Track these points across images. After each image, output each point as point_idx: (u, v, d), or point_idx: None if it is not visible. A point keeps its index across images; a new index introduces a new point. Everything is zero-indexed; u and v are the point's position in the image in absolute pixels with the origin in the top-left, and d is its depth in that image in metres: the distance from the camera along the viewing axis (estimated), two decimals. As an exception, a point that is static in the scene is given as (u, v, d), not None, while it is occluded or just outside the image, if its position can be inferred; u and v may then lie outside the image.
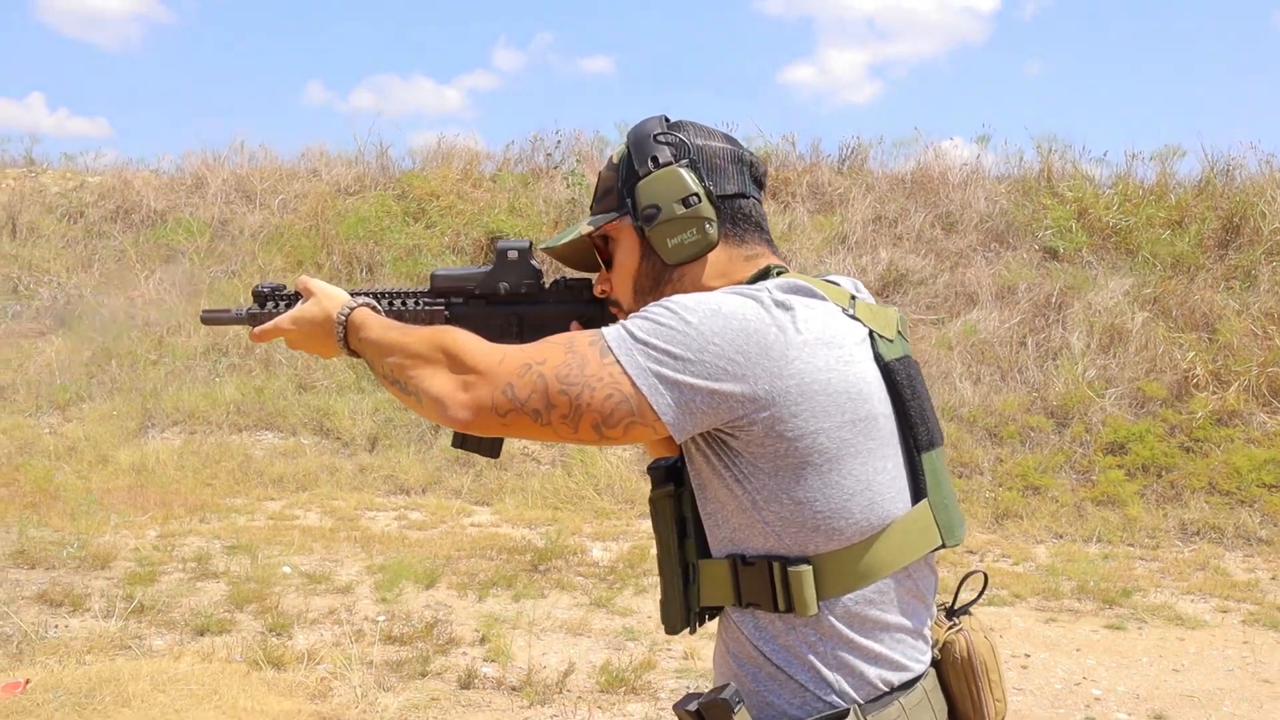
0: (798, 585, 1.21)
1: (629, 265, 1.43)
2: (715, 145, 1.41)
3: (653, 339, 1.20)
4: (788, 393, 1.19)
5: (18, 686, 4.01)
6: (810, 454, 1.20)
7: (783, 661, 1.24)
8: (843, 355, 1.23)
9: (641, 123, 1.44)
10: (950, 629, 1.36)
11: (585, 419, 1.20)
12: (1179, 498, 8.22)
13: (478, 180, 14.60)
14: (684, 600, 1.32)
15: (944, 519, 1.29)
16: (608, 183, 1.46)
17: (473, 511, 8.16)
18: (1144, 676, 4.91)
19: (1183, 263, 11.29)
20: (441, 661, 4.67)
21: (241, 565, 6.15)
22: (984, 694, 1.33)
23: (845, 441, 1.21)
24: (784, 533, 1.22)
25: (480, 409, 1.23)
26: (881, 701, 1.24)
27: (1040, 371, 9.94)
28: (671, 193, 1.36)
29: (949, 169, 13.96)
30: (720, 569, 1.27)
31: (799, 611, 1.22)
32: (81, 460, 9.00)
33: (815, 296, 1.27)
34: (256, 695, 4.11)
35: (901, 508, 1.25)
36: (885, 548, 1.24)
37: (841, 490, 1.22)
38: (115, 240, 13.63)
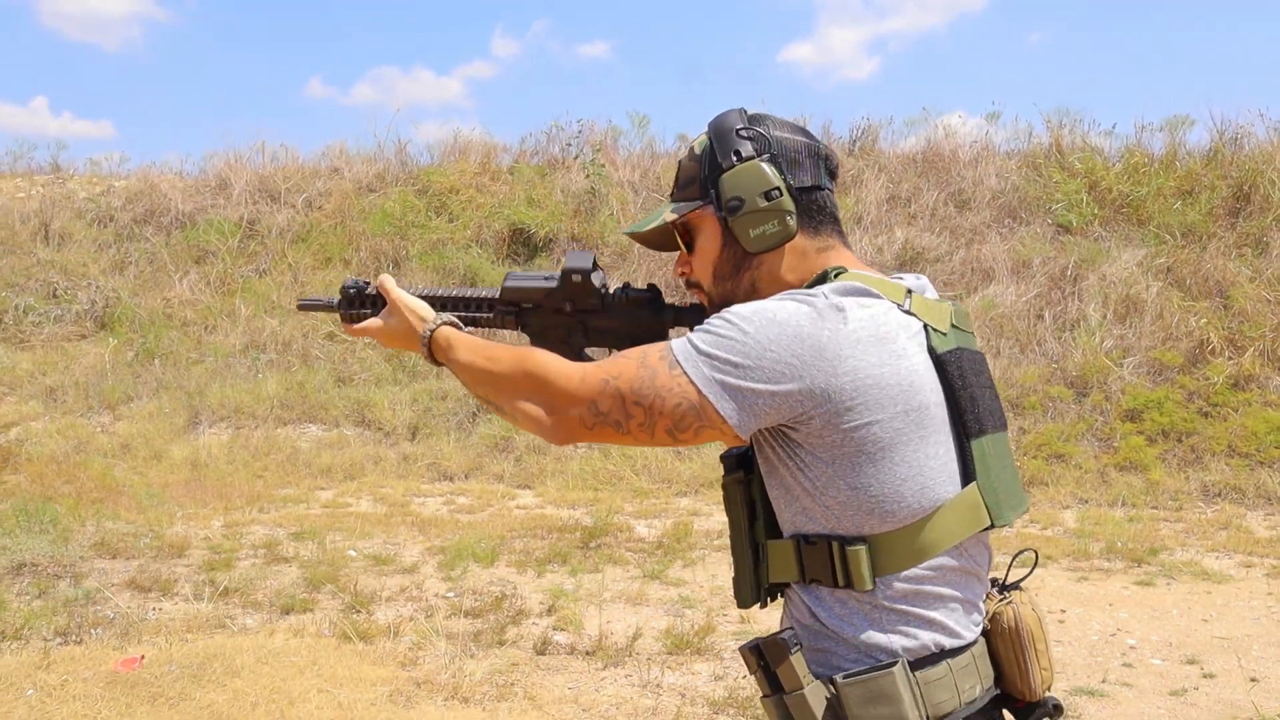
0: (855, 563, 1.31)
1: (710, 251, 1.51)
2: (793, 139, 1.49)
3: (715, 350, 1.30)
4: (842, 389, 1.28)
5: (135, 661, 4.34)
6: (865, 444, 1.29)
7: (839, 627, 1.34)
8: (895, 350, 1.31)
9: (723, 115, 1.52)
10: (1000, 601, 1.43)
11: (659, 425, 1.33)
12: (1199, 461, 8.50)
13: (495, 173, 14.86)
14: (754, 578, 1.43)
15: (992, 501, 1.36)
16: (690, 172, 1.53)
17: (516, 495, 8.48)
18: (1175, 627, 5.21)
19: (1194, 232, 11.53)
20: (515, 631, 5.00)
21: (309, 550, 6.47)
22: (1030, 662, 1.40)
23: (898, 431, 1.30)
24: (842, 515, 1.32)
25: (570, 428, 1.39)
26: (930, 660, 1.32)
27: (1059, 343, 10.21)
28: (755, 186, 1.44)
29: (959, 147, 14.19)
30: (786, 549, 1.37)
31: (856, 586, 1.31)
32: (136, 457, 9.33)
33: (870, 295, 1.35)
34: (351, 665, 4.43)
35: (952, 491, 1.33)
36: (936, 528, 1.32)
37: (894, 476, 1.30)
38: (147, 243, 13.94)
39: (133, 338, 12.24)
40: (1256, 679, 4.49)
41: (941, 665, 1.33)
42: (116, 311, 12.59)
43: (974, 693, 1.35)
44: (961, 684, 1.34)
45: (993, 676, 1.39)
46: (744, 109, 1.53)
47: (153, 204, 14.68)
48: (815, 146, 1.50)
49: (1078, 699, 4.26)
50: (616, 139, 15.32)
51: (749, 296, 1.47)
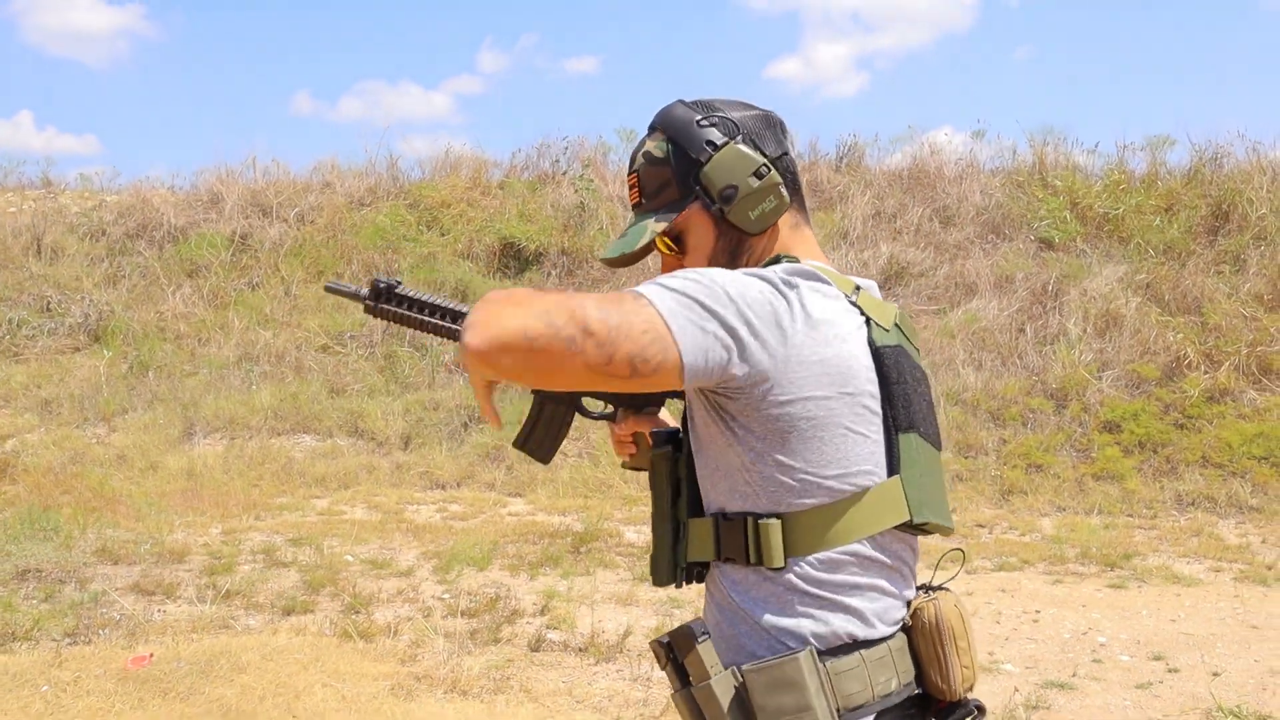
0: (767, 537, 1.31)
1: (705, 247, 1.48)
2: (748, 114, 1.49)
3: (685, 290, 1.26)
4: (787, 361, 1.28)
5: (145, 659, 4.50)
6: (798, 420, 1.30)
7: (750, 608, 1.33)
8: (837, 334, 1.33)
9: (670, 112, 1.49)
10: (926, 598, 1.41)
11: (621, 350, 1.22)
12: (1174, 471, 8.72)
13: (486, 188, 15.08)
14: (672, 555, 1.43)
15: (913, 496, 1.35)
16: (658, 179, 1.49)
17: (508, 502, 8.65)
18: (1144, 626, 5.42)
19: (1174, 249, 11.80)
20: (510, 630, 5.17)
21: (307, 555, 6.63)
22: (950, 660, 1.37)
23: (831, 411, 1.31)
24: (763, 490, 1.32)
25: (503, 332, 1.21)
26: (841, 649, 1.31)
27: (1039, 356, 10.44)
28: (742, 169, 1.43)
29: (945, 164, 14.48)
30: (705, 526, 1.38)
31: (767, 563, 1.31)
32: (132, 468, 9.47)
33: (820, 280, 1.37)
34: (353, 661, 4.60)
35: (875, 479, 1.34)
36: (855, 513, 1.32)
37: (821, 456, 1.31)
38: (139, 257, 14.09)
39: (126, 350, 12.37)
40: (1218, 673, 4.70)
41: (854, 655, 1.31)
42: (110, 325, 12.72)
43: (889, 687, 1.33)
44: (875, 676, 1.32)
45: (912, 674, 1.37)
46: (682, 100, 1.51)
47: (144, 218, 14.81)
48: (766, 115, 1.51)
49: (1048, 692, 4.46)
50: (606, 154, 15.56)
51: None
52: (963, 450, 9.28)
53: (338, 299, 1.92)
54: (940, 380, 10.19)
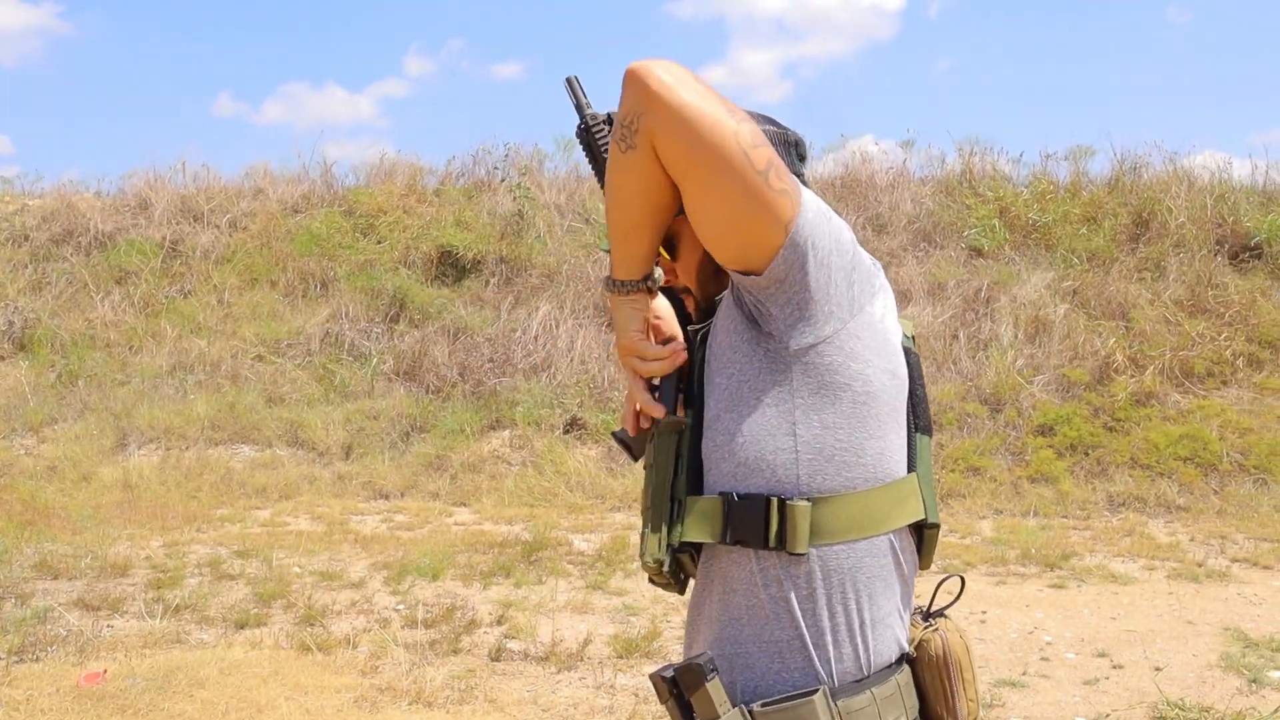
0: (793, 520, 1.25)
1: (694, 255, 1.46)
2: (765, 130, 1.39)
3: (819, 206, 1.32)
4: (863, 318, 1.31)
5: (98, 676, 4.41)
6: (854, 381, 1.30)
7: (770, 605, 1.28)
8: (894, 326, 1.39)
9: None
10: (926, 629, 1.39)
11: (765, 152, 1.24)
12: (1105, 473, 8.99)
13: (422, 194, 14.99)
14: (667, 535, 1.34)
15: (928, 494, 1.38)
16: None
17: (453, 512, 8.61)
18: (1086, 624, 5.59)
19: (1098, 256, 12.16)
20: (469, 640, 5.17)
21: (255, 567, 6.55)
22: (957, 693, 1.35)
23: (883, 386, 1.32)
24: (798, 460, 1.28)
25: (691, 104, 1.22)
26: (854, 688, 1.28)
27: (973, 362, 10.69)
28: None
29: (876, 172, 14.75)
30: (710, 504, 1.31)
31: (789, 548, 1.25)
32: (64, 479, 9.25)
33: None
34: (313, 674, 4.57)
35: (901, 472, 1.34)
36: (881, 503, 1.30)
37: (866, 428, 1.30)
38: (65, 263, 13.75)
39: (54, 359, 12.07)
40: (1160, 668, 4.87)
41: (865, 694, 1.28)
42: (36, 333, 12.41)
43: None
44: (885, 713, 1.29)
45: (917, 709, 1.35)
46: None
47: (70, 223, 14.48)
48: (784, 134, 1.48)
49: (1001, 690, 4.59)
50: (542, 162, 15.57)
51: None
52: (902, 454, 9.45)
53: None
54: (878, 385, 10.36)
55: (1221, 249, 12.05)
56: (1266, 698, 4.52)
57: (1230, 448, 9.02)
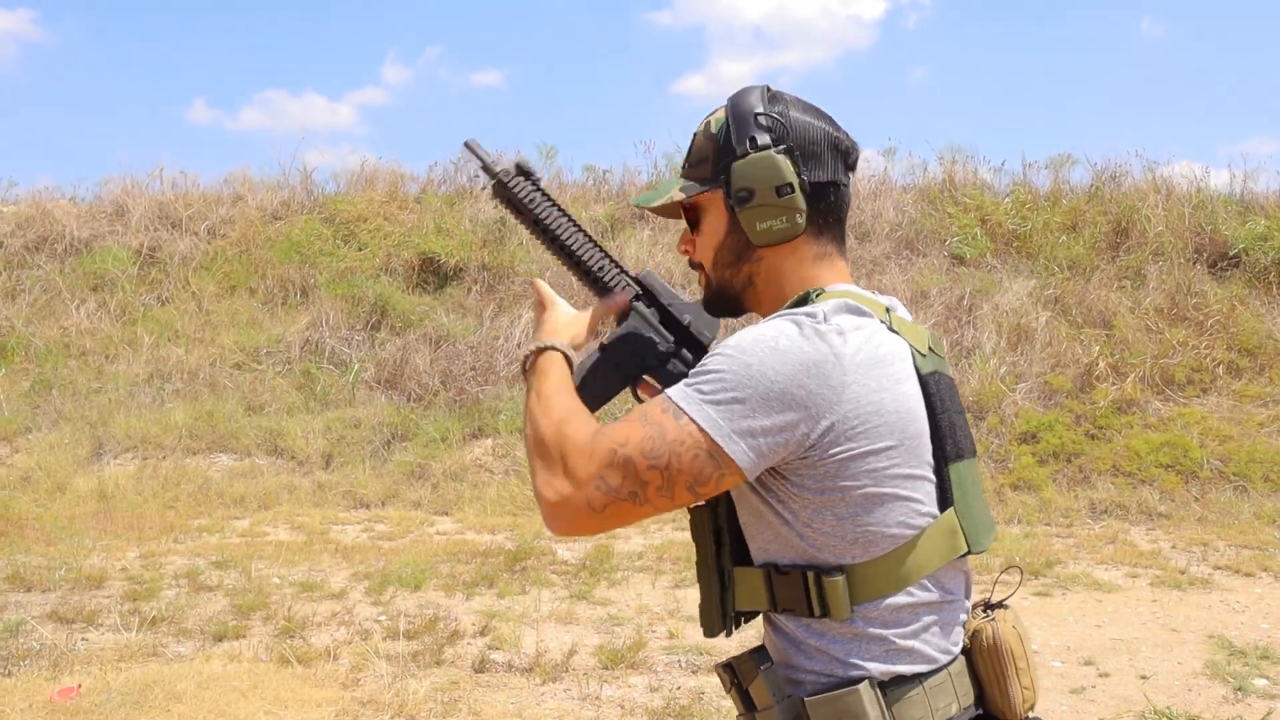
0: (833, 593, 1.28)
1: (715, 235, 1.46)
2: (815, 127, 1.42)
3: (720, 392, 1.25)
4: (846, 417, 1.24)
5: (72, 691, 4.33)
6: (860, 474, 1.26)
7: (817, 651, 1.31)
8: (891, 373, 1.29)
9: (744, 93, 1.44)
10: (983, 619, 1.39)
11: (679, 484, 1.25)
12: (1087, 480, 9.01)
13: (403, 202, 14.90)
14: (721, 605, 1.39)
15: (969, 527, 1.34)
16: (704, 151, 1.46)
17: (435, 521, 8.54)
18: (1071, 632, 5.57)
19: (1079, 264, 12.21)
20: (452, 651, 5.10)
21: (233, 579, 6.46)
22: (1010, 680, 1.36)
23: (893, 461, 1.27)
24: (823, 546, 1.29)
25: (575, 517, 1.29)
26: (903, 681, 1.31)
27: (956, 370, 10.69)
28: (767, 179, 1.38)
29: (858, 180, 14.77)
30: (755, 577, 1.34)
31: (834, 617, 1.28)
32: (39, 489, 9.12)
33: (863, 314, 1.32)
34: (293, 688, 4.49)
35: (931, 518, 1.31)
36: (917, 555, 1.30)
37: (883, 506, 1.27)
38: (40, 270, 13.60)
39: (28, 367, 11.93)
40: (1146, 676, 4.86)
41: (914, 684, 1.31)
42: (10, 340, 12.26)
43: (949, 712, 1.32)
44: (935, 702, 1.31)
45: (973, 696, 1.36)
46: (767, 87, 1.45)
47: (45, 230, 14.30)
48: (836, 137, 1.44)
49: (989, 700, 4.55)
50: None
51: (745, 288, 1.46)
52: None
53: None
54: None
55: (1200, 258, 12.12)
56: (1252, 705, 4.51)
57: (1211, 455, 9.06)
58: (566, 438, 1.32)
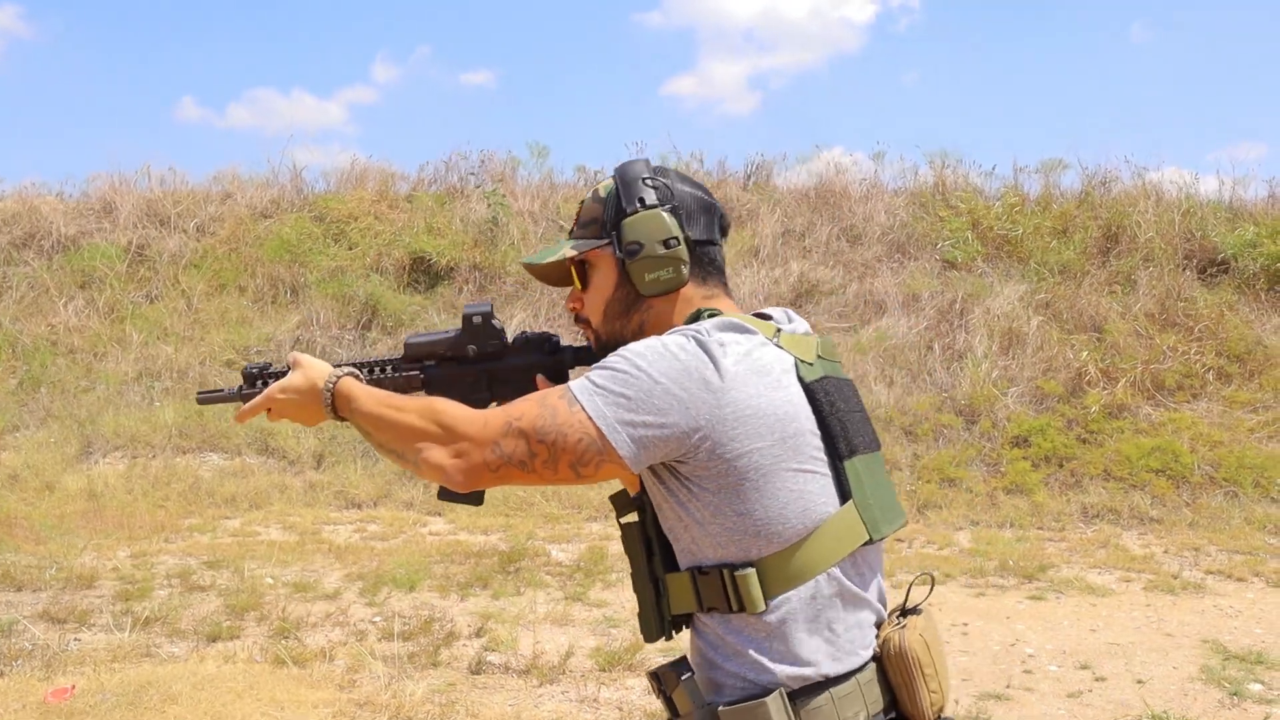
0: (745, 586, 1.38)
1: (604, 290, 1.60)
2: (693, 194, 1.59)
3: (611, 385, 1.39)
4: (724, 420, 1.37)
5: (66, 692, 4.29)
6: (748, 471, 1.37)
7: (735, 652, 1.41)
8: (770, 382, 1.41)
9: (630, 163, 1.60)
10: (894, 627, 1.47)
11: (562, 461, 1.39)
12: (1079, 484, 9.03)
13: (394, 201, 14.85)
14: (658, 611, 1.49)
15: (869, 516, 1.44)
16: (593, 212, 1.61)
17: (427, 521, 8.51)
18: (1067, 636, 5.58)
19: (1070, 269, 12.25)
20: (448, 653, 5.08)
21: (226, 579, 6.42)
22: (917, 687, 1.43)
23: (777, 458, 1.38)
24: (729, 542, 1.39)
25: (474, 471, 1.43)
26: (812, 690, 1.39)
27: (948, 373, 10.72)
28: (654, 233, 1.53)
29: (850, 183, 14.79)
30: (683, 581, 1.44)
31: (749, 609, 1.38)
32: (27, 488, 9.05)
33: (746, 332, 1.46)
34: (289, 689, 4.46)
35: (830, 510, 1.42)
36: (818, 545, 1.40)
37: (776, 500, 1.38)
38: (27, 267, 13.50)
39: (15, 365, 11.84)
40: (1142, 680, 4.87)
41: (823, 695, 1.39)
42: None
43: (858, 719, 1.41)
44: (843, 711, 1.40)
45: (882, 703, 1.44)
46: (648, 160, 1.63)
47: (32, 226, 14.20)
48: (711, 204, 1.61)
49: (986, 703, 4.56)
50: (515, 169, 15.48)
51: (635, 337, 1.55)
52: (877, 465, 9.46)
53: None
54: (853, 396, 10.38)
55: (1190, 263, 12.17)
56: (1248, 710, 4.52)
57: (1201, 460, 9.09)
58: (443, 412, 1.47)
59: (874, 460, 1.51)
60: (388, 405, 1.54)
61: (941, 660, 1.49)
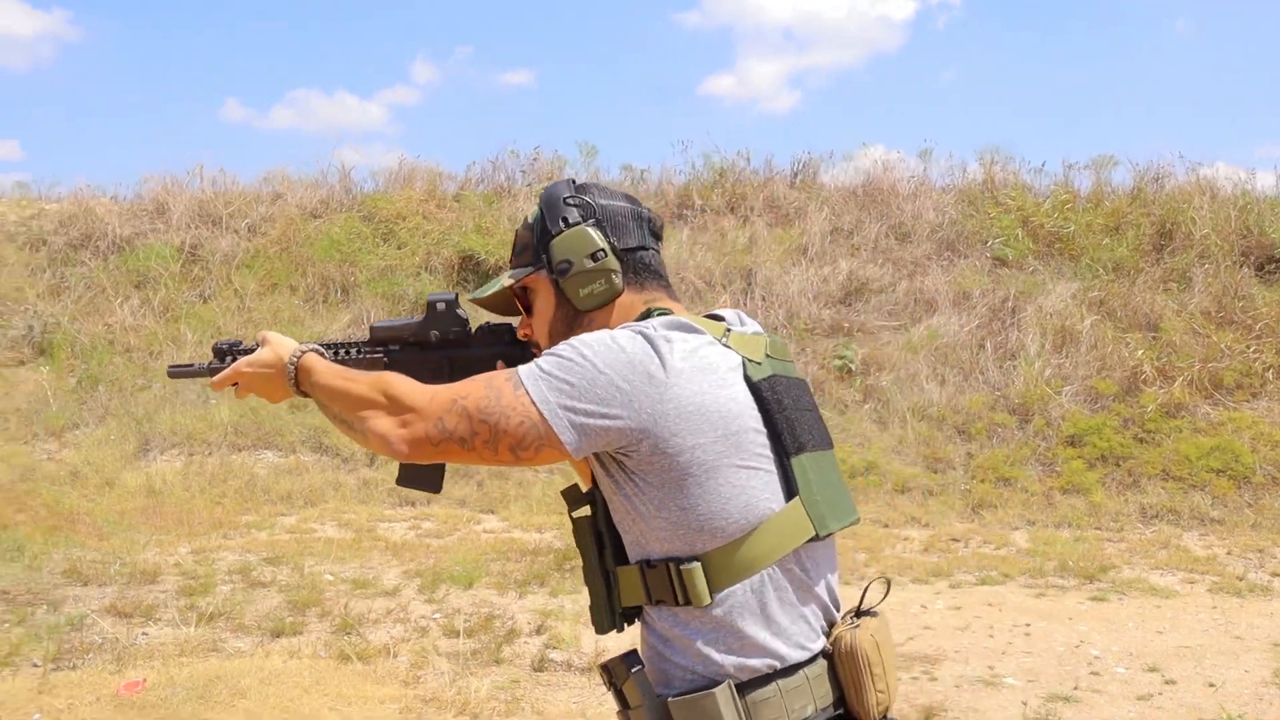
0: (691, 580, 1.40)
1: (546, 312, 1.63)
2: (617, 205, 1.62)
3: (556, 372, 1.41)
4: (667, 415, 1.39)
5: (138, 685, 4.35)
6: (690, 466, 1.39)
7: (680, 645, 1.43)
8: (715, 380, 1.43)
9: (552, 186, 1.66)
10: (848, 626, 1.49)
11: (502, 443, 1.42)
12: (1137, 484, 8.91)
13: (442, 200, 14.94)
14: (609, 604, 1.53)
15: (815, 513, 1.45)
16: (524, 240, 1.66)
17: (481, 519, 8.55)
18: (1133, 638, 5.51)
19: (1123, 266, 12.07)
20: (510, 650, 5.10)
21: (286, 575, 6.48)
22: (864, 685, 1.45)
23: (720, 454, 1.40)
24: (674, 536, 1.41)
25: (417, 442, 1.45)
26: (760, 682, 1.41)
27: (1000, 372, 10.61)
28: (581, 249, 1.57)
29: (897, 181, 14.68)
30: (632, 574, 1.47)
31: (695, 603, 1.40)
32: (88, 484, 9.19)
33: (693, 331, 1.48)
34: (355, 684, 4.50)
35: (775, 506, 1.43)
36: (763, 541, 1.42)
37: (719, 495, 1.40)
38: (84, 267, 13.71)
39: (73, 364, 12.02)
40: (1214, 684, 4.79)
41: (771, 686, 1.41)
42: (55, 337, 12.36)
43: (805, 713, 1.43)
44: (791, 704, 1.42)
45: (831, 698, 1.46)
46: (572, 179, 1.68)
47: (88, 228, 14.40)
48: (638, 211, 1.64)
49: (1054, 705, 4.50)
50: (562, 168, 15.51)
51: None
52: (931, 465, 9.38)
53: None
54: (905, 395, 10.31)
55: (1247, 260, 11.96)
56: (1324, 715, 4.44)
57: (1263, 460, 8.94)
58: (393, 385, 1.50)
59: (823, 458, 1.53)
60: (342, 377, 1.59)
61: (891, 662, 1.51)
